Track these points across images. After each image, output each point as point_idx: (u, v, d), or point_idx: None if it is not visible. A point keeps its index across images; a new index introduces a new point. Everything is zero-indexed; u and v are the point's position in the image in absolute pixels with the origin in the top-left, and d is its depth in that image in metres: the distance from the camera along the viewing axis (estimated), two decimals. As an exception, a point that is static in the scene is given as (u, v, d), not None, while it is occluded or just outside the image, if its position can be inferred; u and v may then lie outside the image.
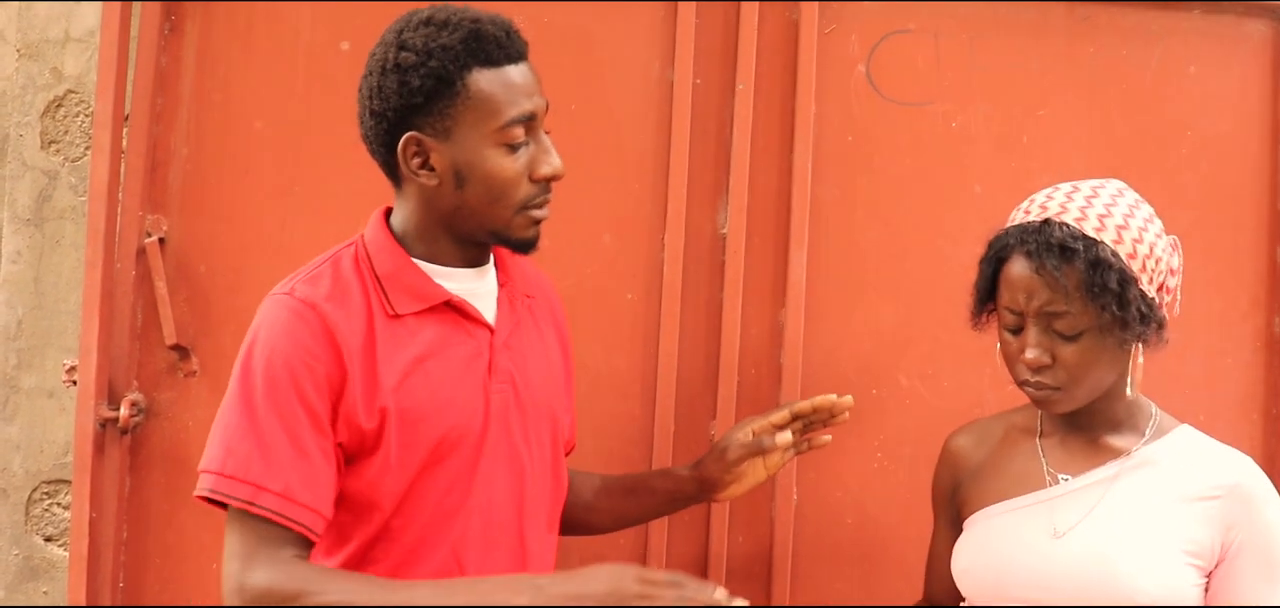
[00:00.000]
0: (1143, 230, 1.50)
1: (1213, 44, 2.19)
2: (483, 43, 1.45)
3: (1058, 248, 1.46)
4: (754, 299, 2.12)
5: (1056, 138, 2.16)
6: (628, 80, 2.14)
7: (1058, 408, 1.54)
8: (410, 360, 1.48)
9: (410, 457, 1.47)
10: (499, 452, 1.54)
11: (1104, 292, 1.44)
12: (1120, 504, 1.54)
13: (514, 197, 1.49)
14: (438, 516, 1.50)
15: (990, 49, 2.17)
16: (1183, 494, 1.53)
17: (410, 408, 1.47)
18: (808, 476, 2.10)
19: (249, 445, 1.40)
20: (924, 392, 2.11)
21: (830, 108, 2.15)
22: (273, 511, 1.39)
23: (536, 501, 1.60)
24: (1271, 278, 2.18)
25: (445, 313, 1.52)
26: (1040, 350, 1.49)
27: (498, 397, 1.54)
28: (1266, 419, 2.17)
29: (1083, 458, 1.59)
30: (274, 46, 2.12)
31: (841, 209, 2.14)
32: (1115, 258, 1.45)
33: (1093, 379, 1.51)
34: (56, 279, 2.49)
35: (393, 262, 1.51)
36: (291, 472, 1.40)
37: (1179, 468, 1.55)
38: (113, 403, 2.06)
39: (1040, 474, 1.61)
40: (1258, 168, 2.19)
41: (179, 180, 2.11)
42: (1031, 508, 1.58)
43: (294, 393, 1.41)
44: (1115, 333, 1.47)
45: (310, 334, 1.43)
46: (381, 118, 1.47)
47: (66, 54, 2.50)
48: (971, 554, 1.64)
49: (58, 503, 2.51)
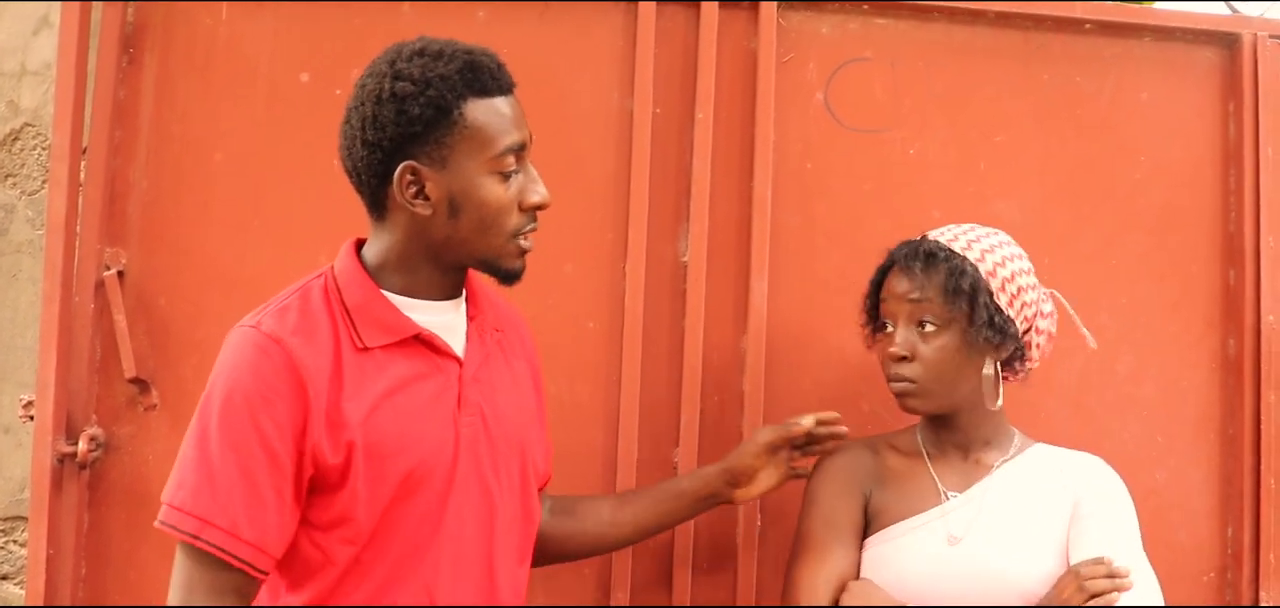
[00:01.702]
0: (1008, 261, 1.74)
1: (1165, 71, 2.23)
2: (478, 74, 1.47)
3: (926, 255, 1.73)
4: (716, 326, 2.13)
5: (1013, 163, 2.19)
6: (587, 110, 2.15)
7: (916, 404, 1.75)
8: (378, 394, 1.48)
9: (379, 490, 1.47)
10: (469, 485, 1.54)
11: (958, 293, 1.69)
12: (996, 512, 1.73)
13: (505, 225, 1.51)
14: (409, 549, 1.50)
15: (947, 76, 2.20)
16: (1045, 495, 1.74)
17: (377, 442, 1.46)
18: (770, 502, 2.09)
19: (200, 479, 1.41)
20: (886, 416, 2.12)
21: (789, 135, 2.17)
22: (216, 545, 1.40)
23: (507, 534, 1.60)
24: (1225, 300, 2.22)
25: (414, 346, 1.53)
26: (903, 344, 1.73)
27: (467, 429, 1.54)
28: (1223, 439, 2.19)
29: (965, 475, 1.79)
30: (233, 78, 2.11)
31: (802, 236, 2.16)
32: (972, 269, 1.71)
33: (948, 379, 1.73)
34: (13, 313, 2.47)
35: (362, 294, 1.51)
36: (240, 508, 1.40)
37: (1039, 474, 1.77)
38: (71, 438, 2.04)
39: (935, 493, 1.78)
40: (1210, 192, 2.23)
41: (138, 213, 2.10)
42: (929, 524, 1.75)
43: (252, 430, 1.41)
44: (969, 337, 1.70)
45: (273, 370, 1.43)
46: (376, 148, 1.47)
47: (23, 87, 2.49)
48: (878, 573, 1.74)
49: (14, 540, 2.48)
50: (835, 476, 1.84)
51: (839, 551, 1.76)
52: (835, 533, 1.78)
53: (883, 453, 1.86)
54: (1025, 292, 1.75)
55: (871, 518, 1.81)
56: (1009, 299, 1.72)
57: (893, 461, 1.85)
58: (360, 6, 2.12)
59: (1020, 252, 1.78)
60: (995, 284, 1.71)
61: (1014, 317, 1.73)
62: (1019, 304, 1.73)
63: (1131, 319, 2.19)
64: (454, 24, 2.11)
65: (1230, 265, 2.22)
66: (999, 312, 1.71)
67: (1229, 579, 2.17)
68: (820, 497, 1.82)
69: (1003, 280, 1.72)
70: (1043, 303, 1.80)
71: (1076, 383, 2.18)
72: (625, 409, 2.09)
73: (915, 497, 1.79)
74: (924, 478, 1.80)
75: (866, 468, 1.84)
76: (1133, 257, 2.21)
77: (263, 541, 1.42)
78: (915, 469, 1.82)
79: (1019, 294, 1.73)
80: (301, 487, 1.45)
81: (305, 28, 2.11)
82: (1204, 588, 2.17)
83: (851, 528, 1.79)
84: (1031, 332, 1.77)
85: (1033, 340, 1.78)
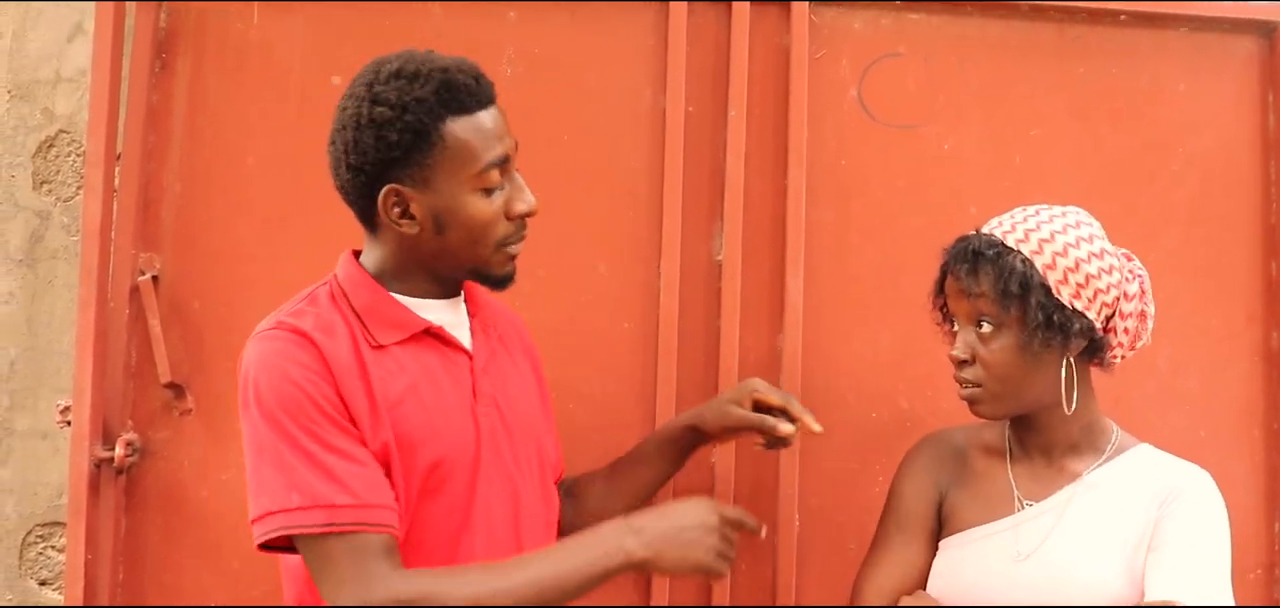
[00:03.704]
0: (1072, 247, 1.57)
1: (1202, 61, 2.21)
2: (455, 92, 1.47)
3: (973, 254, 1.60)
4: (751, 325, 2.12)
5: (1048, 157, 2.17)
6: (620, 110, 2.14)
7: (983, 410, 1.63)
8: (403, 388, 1.49)
9: (409, 483, 1.48)
10: (493, 474, 1.55)
11: (1008, 295, 1.55)
12: (1074, 526, 1.60)
13: (492, 236, 1.52)
14: (441, 541, 1.51)
15: (981, 71, 2.18)
16: (1130, 509, 1.59)
17: (406, 434, 1.47)
18: (809, 502, 2.09)
19: (303, 473, 1.40)
20: (924, 413, 2.10)
21: (823, 132, 2.15)
22: (354, 523, 1.39)
23: (532, 520, 1.61)
24: (1267, 292, 2.19)
25: (426, 341, 1.54)
26: (961, 347, 1.62)
27: (486, 419, 1.56)
28: (1267, 433, 2.16)
29: (1046, 482, 1.66)
30: (265, 82, 2.11)
31: (836, 233, 2.14)
32: (1024, 265, 1.56)
33: (1012, 383, 1.59)
34: (50, 320, 2.48)
35: (370, 295, 1.53)
36: (353, 479, 1.41)
37: (1128, 485, 1.61)
38: (107, 443, 2.04)
39: (1010, 500, 1.67)
40: (1249, 183, 2.20)
41: (171, 218, 2.10)
42: (1000, 534, 1.64)
43: (316, 410, 1.42)
44: (1027, 338, 1.56)
45: (310, 357, 1.44)
46: (359, 172, 1.48)
47: (57, 94, 2.50)
48: (947, 580, 1.67)
49: (52, 546, 2.49)
50: (915, 473, 1.77)
51: (905, 555, 1.70)
52: (904, 535, 1.72)
53: (968, 449, 1.76)
54: (1097, 278, 1.57)
55: (945, 519, 1.73)
56: (1074, 291, 1.56)
57: (976, 458, 1.74)
58: (391, 7, 2.12)
59: (1093, 233, 1.61)
60: (1054, 277, 1.55)
61: (1083, 309, 1.56)
62: (1089, 293, 1.57)
63: (1172, 312, 2.15)
64: (484, 24, 2.11)
65: (1272, 257, 2.19)
66: (1059, 309, 1.55)
67: (1277, 577, 2.14)
68: (897, 492, 1.77)
69: (1065, 271, 1.56)
70: (1126, 284, 1.61)
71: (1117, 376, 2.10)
72: (661, 409, 2.07)
73: (990, 502, 1.68)
74: (1001, 482, 1.69)
75: (947, 464, 1.76)
76: (1172, 250, 2.18)
77: (385, 498, 1.42)
78: (995, 471, 1.71)
79: (1088, 283, 1.56)
80: None
81: (336, 30, 2.11)
82: (1250, 585, 2.14)
83: (922, 530, 1.72)
84: (1115, 316, 1.60)
85: (1117, 327, 1.61)
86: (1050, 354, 1.58)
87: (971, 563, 1.65)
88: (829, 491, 2.08)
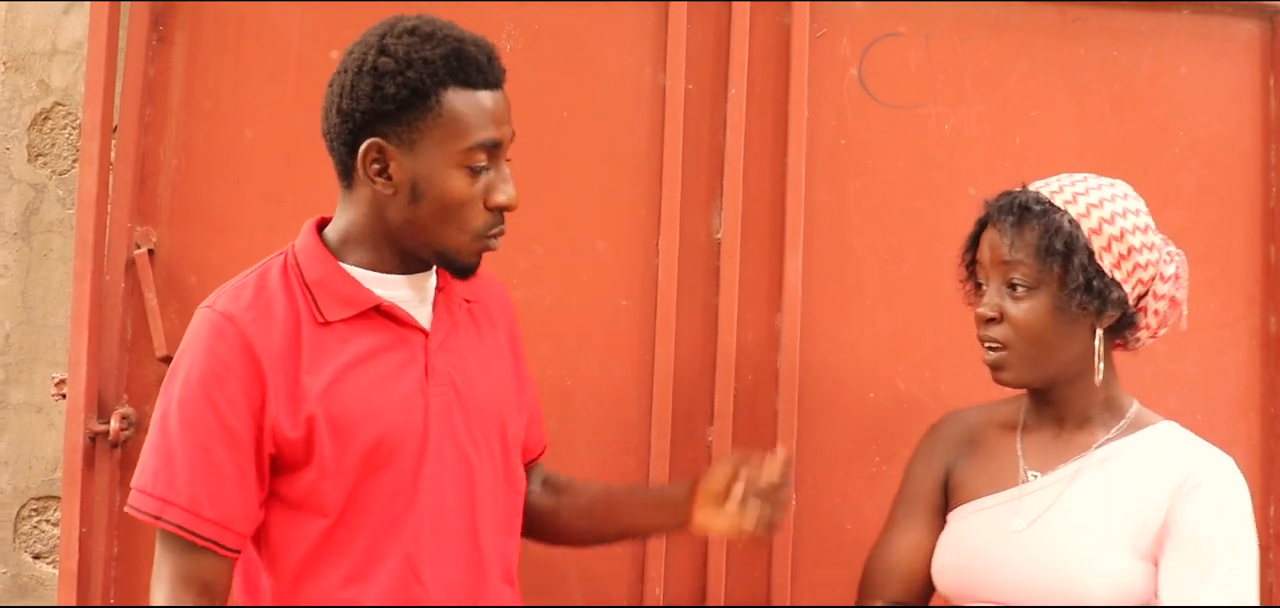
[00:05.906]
0: (1118, 216, 1.55)
1: (1203, 44, 2.20)
2: (464, 63, 1.44)
3: (1020, 208, 1.56)
4: (750, 304, 2.11)
5: (1049, 139, 2.16)
6: (620, 86, 2.13)
7: (1007, 376, 1.58)
8: (338, 368, 1.47)
9: (345, 463, 1.46)
10: (444, 455, 1.53)
11: (1051, 253, 1.52)
12: (1078, 499, 1.57)
13: (466, 220, 1.47)
14: (384, 522, 1.49)
15: (982, 51, 2.17)
16: (1139, 487, 1.55)
17: (339, 414, 1.46)
18: (806, 480, 2.09)
19: (159, 460, 1.43)
20: (921, 395, 2.10)
21: (823, 111, 2.14)
22: (178, 525, 1.41)
23: (489, 503, 1.58)
24: (1266, 277, 2.19)
25: (376, 319, 1.52)
26: (990, 305, 1.57)
27: (438, 399, 1.53)
28: (1264, 419, 2.17)
29: (1055, 454, 1.62)
30: (263, 55, 2.10)
31: (836, 212, 2.14)
32: (1072, 226, 1.53)
33: (1042, 346, 1.55)
34: (45, 293, 2.47)
35: (322, 268, 1.51)
36: (200, 486, 1.41)
37: (1143, 462, 1.57)
38: (102, 417, 2.04)
39: (1015, 471, 1.64)
40: (1250, 167, 2.20)
41: (168, 191, 2.09)
42: (1002, 505, 1.62)
43: (207, 407, 1.42)
44: (1063, 300, 1.52)
45: (227, 348, 1.43)
46: (348, 117, 1.46)
47: (53, 66, 2.48)
48: (950, 552, 1.66)
49: (47, 520, 2.48)
50: (924, 453, 1.76)
51: (909, 536, 1.70)
52: (909, 517, 1.72)
53: (983, 425, 1.73)
54: (1139, 252, 1.55)
55: (952, 492, 1.71)
56: (1115, 261, 1.53)
57: (988, 433, 1.71)
58: (390, -18, 2.11)
59: (1139, 207, 1.58)
60: (1099, 243, 1.52)
61: (1121, 280, 1.54)
62: (1129, 267, 1.54)
63: (1170, 296, 2.16)
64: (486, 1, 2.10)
65: (1271, 242, 2.19)
66: (1099, 275, 1.52)
67: (1271, 560, 2.14)
68: (907, 475, 1.76)
69: (1110, 239, 1.53)
70: (1164, 265, 1.59)
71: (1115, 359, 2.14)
72: (659, 388, 2.07)
73: (995, 474, 1.65)
74: (1009, 454, 1.66)
75: (956, 439, 1.74)
76: (1171, 233, 2.12)
77: (226, 517, 1.42)
78: (1004, 444, 1.68)
79: (1129, 256, 1.54)
80: (263, 463, 1.46)
81: (335, 4, 2.10)
82: (1245, 568, 2.14)
83: (927, 506, 1.71)
84: (1148, 296, 1.58)
85: (1149, 307, 1.58)
86: (1082, 322, 1.55)
87: (972, 534, 1.63)
88: (824, 470, 2.08)
